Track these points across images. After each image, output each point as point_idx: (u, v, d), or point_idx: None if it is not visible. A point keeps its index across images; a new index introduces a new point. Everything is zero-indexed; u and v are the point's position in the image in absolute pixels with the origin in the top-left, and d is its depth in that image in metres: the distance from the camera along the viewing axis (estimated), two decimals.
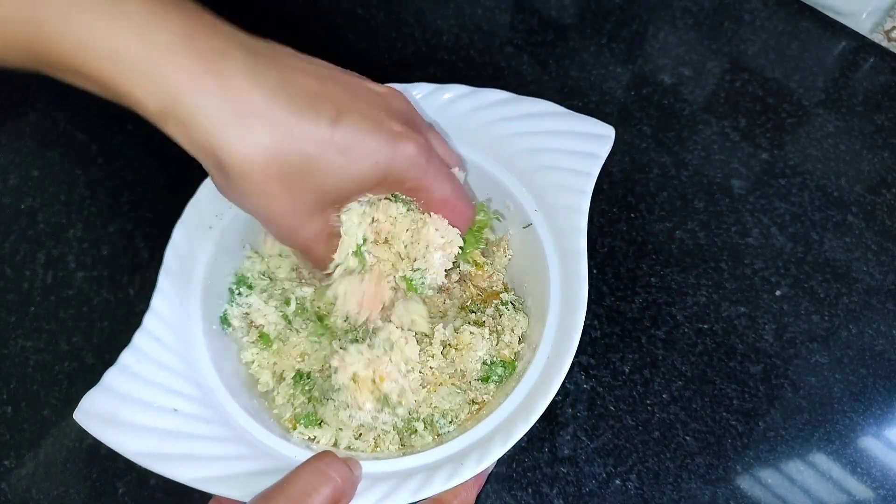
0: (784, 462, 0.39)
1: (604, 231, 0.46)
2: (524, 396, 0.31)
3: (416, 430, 0.34)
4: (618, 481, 0.38)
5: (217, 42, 0.24)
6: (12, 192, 0.47)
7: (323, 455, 0.27)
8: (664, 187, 0.47)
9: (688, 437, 0.39)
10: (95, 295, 0.44)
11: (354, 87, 0.28)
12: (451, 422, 0.34)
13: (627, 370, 0.41)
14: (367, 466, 0.29)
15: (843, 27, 0.53)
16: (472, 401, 0.35)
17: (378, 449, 0.33)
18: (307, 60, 0.27)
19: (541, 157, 0.36)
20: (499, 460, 0.29)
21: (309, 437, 0.33)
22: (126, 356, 0.31)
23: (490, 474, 0.38)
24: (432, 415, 0.34)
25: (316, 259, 0.30)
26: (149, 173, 0.48)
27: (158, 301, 0.32)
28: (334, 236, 0.30)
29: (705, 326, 0.43)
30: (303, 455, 0.30)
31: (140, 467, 0.28)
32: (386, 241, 0.31)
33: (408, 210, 0.31)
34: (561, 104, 0.37)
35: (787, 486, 0.38)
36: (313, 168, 0.26)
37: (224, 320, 0.35)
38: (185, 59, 0.23)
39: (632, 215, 0.46)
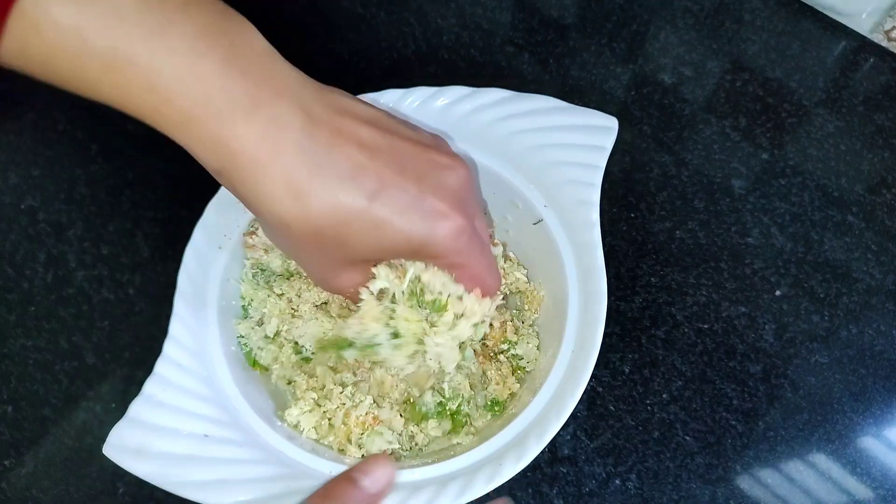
0: (784, 462, 0.39)
1: (604, 230, 0.45)
2: (553, 392, 0.31)
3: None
4: (618, 481, 0.38)
5: (279, 109, 0.24)
6: (12, 191, 0.47)
7: (337, 479, 0.27)
8: (664, 187, 0.47)
9: (688, 437, 0.39)
10: (95, 294, 0.44)
11: (407, 158, 0.28)
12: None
13: (627, 370, 0.41)
14: (406, 475, 0.29)
15: (843, 27, 0.53)
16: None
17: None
18: (366, 121, 0.27)
19: (546, 153, 0.36)
20: None
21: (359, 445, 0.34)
22: (150, 385, 0.30)
23: None
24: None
25: (349, 298, 0.31)
26: (149, 172, 0.47)
27: (176, 326, 0.32)
28: (364, 284, 0.31)
29: (705, 326, 0.43)
30: (336, 469, 0.30)
31: None
32: (418, 302, 0.31)
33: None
34: None
35: (786, 485, 0.38)
36: (345, 236, 0.27)
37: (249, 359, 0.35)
38: (245, 126, 0.24)
39: (632, 215, 0.46)
